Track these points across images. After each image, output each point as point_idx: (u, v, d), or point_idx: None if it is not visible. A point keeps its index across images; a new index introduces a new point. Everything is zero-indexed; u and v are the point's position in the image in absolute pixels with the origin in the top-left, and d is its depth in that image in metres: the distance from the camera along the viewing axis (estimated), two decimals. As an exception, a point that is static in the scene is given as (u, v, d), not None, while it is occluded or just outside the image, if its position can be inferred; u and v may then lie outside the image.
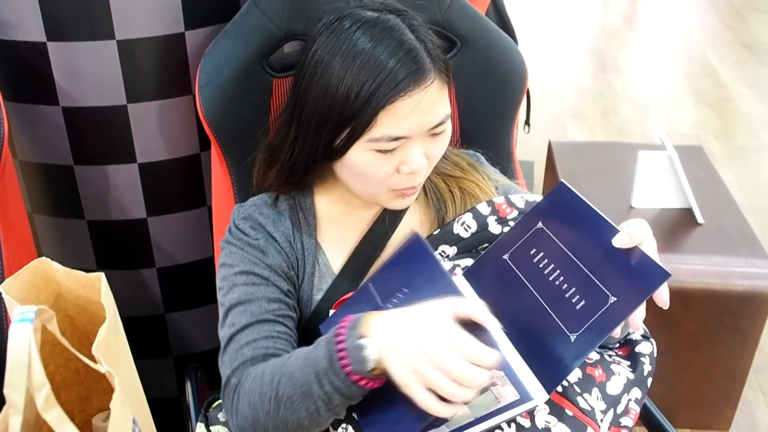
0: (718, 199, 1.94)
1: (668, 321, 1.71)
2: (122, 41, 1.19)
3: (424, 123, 0.92)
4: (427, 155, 0.96)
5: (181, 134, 1.31)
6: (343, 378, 0.81)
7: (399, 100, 0.89)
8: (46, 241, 1.40)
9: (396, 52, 0.90)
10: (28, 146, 1.30)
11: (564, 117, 3.56)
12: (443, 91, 0.94)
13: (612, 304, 0.81)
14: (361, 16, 0.93)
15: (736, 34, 4.62)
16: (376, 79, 0.89)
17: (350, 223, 1.07)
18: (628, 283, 0.81)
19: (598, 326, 0.82)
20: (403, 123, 0.91)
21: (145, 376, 1.07)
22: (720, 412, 1.87)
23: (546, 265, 0.90)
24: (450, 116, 0.96)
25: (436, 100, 0.92)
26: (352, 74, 0.89)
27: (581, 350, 0.82)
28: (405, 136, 0.92)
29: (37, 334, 0.64)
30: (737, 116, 3.59)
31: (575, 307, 0.84)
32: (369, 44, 0.90)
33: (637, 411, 0.98)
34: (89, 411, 0.89)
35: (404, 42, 0.90)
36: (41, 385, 0.57)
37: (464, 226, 1.03)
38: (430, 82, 0.91)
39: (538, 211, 0.94)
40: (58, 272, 0.78)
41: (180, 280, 1.44)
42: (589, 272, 0.85)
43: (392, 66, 0.89)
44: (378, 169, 0.94)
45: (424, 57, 0.91)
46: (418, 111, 0.91)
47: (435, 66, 0.92)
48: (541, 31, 4.63)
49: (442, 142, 0.97)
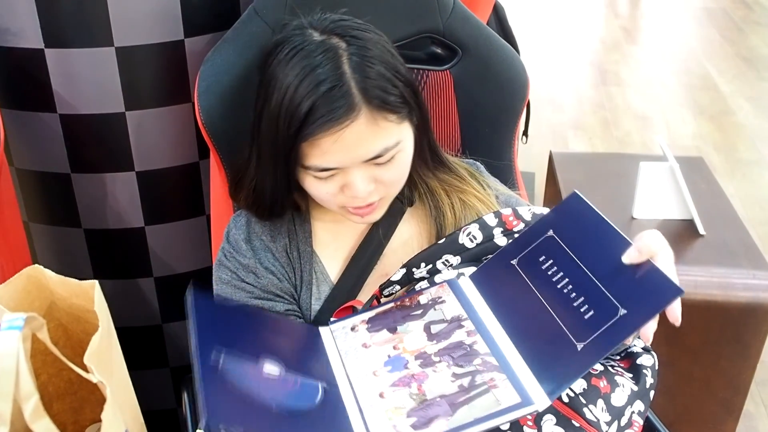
0: (719, 211, 1.93)
1: (669, 333, 1.69)
2: (121, 48, 1.18)
3: (353, 157, 0.91)
4: (377, 180, 0.94)
5: (180, 142, 1.30)
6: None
7: (320, 136, 0.88)
8: (42, 250, 1.39)
9: (318, 88, 0.87)
10: (25, 154, 1.29)
11: (565, 128, 3.56)
12: (378, 125, 0.90)
13: (622, 317, 0.80)
14: (300, 43, 0.91)
15: (736, 47, 4.63)
16: (295, 115, 0.88)
17: (345, 230, 1.07)
18: (640, 297, 0.80)
19: (606, 338, 0.80)
20: (328, 156, 0.90)
21: (142, 387, 1.05)
22: (721, 425, 1.85)
23: (555, 273, 0.89)
24: (399, 144, 0.93)
25: (364, 135, 0.89)
26: (282, 106, 0.89)
27: (587, 360, 0.81)
28: (335, 168, 0.92)
29: (27, 343, 0.63)
30: (737, 129, 3.59)
31: (584, 316, 0.83)
32: (295, 78, 0.88)
33: (640, 424, 0.97)
34: (82, 422, 0.87)
35: (329, 77, 0.88)
36: (29, 395, 0.56)
37: (470, 237, 1.01)
38: (351, 120, 0.88)
39: (550, 219, 0.93)
40: (51, 280, 0.77)
41: (178, 289, 1.42)
42: (600, 283, 0.84)
43: (311, 102, 0.87)
44: (320, 191, 0.95)
45: (350, 92, 0.88)
46: (341, 147, 0.89)
47: (365, 99, 0.88)
48: (543, 43, 4.63)
49: (392, 168, 0.95)
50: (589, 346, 0.81)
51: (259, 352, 0.87)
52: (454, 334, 0.91)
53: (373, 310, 0.99)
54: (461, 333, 0.91)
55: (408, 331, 0.94)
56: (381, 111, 0.89)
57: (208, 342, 0.83)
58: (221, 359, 0.81)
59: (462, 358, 0.88)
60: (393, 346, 0.92)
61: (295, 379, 0.86)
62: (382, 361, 0.91)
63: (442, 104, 1.24)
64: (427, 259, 1.00)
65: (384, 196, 0.98)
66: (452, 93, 1.23)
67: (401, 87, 0.92)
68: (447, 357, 0.88)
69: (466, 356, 0.88)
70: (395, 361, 0.90)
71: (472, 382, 0.84)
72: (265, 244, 1.04)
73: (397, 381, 0.87)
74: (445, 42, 1.20)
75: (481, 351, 0.88)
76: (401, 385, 0.87)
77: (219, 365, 0.81)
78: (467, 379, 0.85)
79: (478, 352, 0.88)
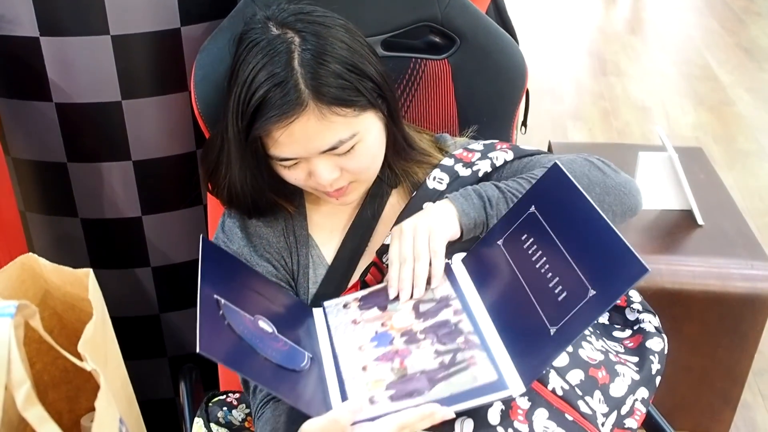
0: (718, 201, 1.92)
1: (668, 323, 1.69)
2: (117, 36, 1.18)
3: (307, 149, 0.93)
4: (342, 168, 0.96)
5: (177, 131, 1.29)
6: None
7: (273, 129, 0.91)
8: (38, 240, 1.39)
9: (269, 82, 0.89)
10: (21, 143, 1.28)
11: (564, 119, 3.55)
12: (328, 119, 0.91)
13: (591, 298, 0.80)
14: (258, 38, 0.93)
15: (736, 38, 4.62)
16: (248, 108, 0.90)
17: (338, 214, 1.08)
18: (608, 276, 0.80)
19: (576, 321, 0.80)
20: (283, 148, 0.93)
21: (139, 376, 1.05)
22: (719, 415, 1.86)
23: (534, 252, 0.89)
24: (355, 136, 0.94)
25: (315, 129, 0.91)
26: (240, 100, 0.91)
27: (559, 344, 0.82)
28: (294, 158, 0.94)
29: (20, 330, 0.63)
30: (737, 120, 3.58)
31: (557, 298, 0.83)
32: (250, 73, 0.91)
33: (643, 411, 0.97)
34: (78, 411, 0.87)
35: (279, 72, 0.89)
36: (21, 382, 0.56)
37: (437, 180, 1.05)
38: (298, 114, 0.89)
39: (533, 192, 0.93)
40: (45, 268, 0.77)
41: (175, 279, 1.42)
42: (573, 262, 0.83)
43: (261, 97, 0.89)
44: (290, 178, 0.98)
45: (298, 87, 0.89)
46: (293, 140, 0.91)
47: (314, 95, 0.90)
48: (542, 33, 4.62)
49: (355, 158, 0.96)
50: (561, 330, 0.81)
51: (256, 309, 0.90)
52: (441, 313, 0.92)
53: (367, 290, 1.01)
54: (448, 312, 0.92)
55: (397, 309, 0.95)
56: (331, 105, 0.91)
57: (212, 282, 0.87)
58: (222, 301, 0.85)
59: (446, 336, 0.89)
60: (381, 323, 0.94)
61: (285, 341, 0.89)
62: (368, 337, 0.92)
63: (440, 93, 1.23)
64: (411, 214, 1.02)
65: (354, 180, 1.00)
66: (450, 82, 1.22)
67: (355, 80, 0.93)
68: (432, 334, 0.90)
69: (450, 334, 0.89)
70: (382, 337, 0.92)
71: (453, 359, 0.85)
72: (261, 231, 1.04)
73: (380, 356, 0.89)
74: (443, 31, 1.20)
75: (465, 329, 0.89)
76: (384, 359, 0.88)
77: (219, 305, 0.84)
78: (449, 356, 0.86)
79: (462, 330, 0.89)
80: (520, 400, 0.90)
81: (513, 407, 0.89)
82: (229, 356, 0.80)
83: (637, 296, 1.09)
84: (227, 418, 1.10)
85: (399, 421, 0.78)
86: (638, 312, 1.07)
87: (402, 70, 1.22)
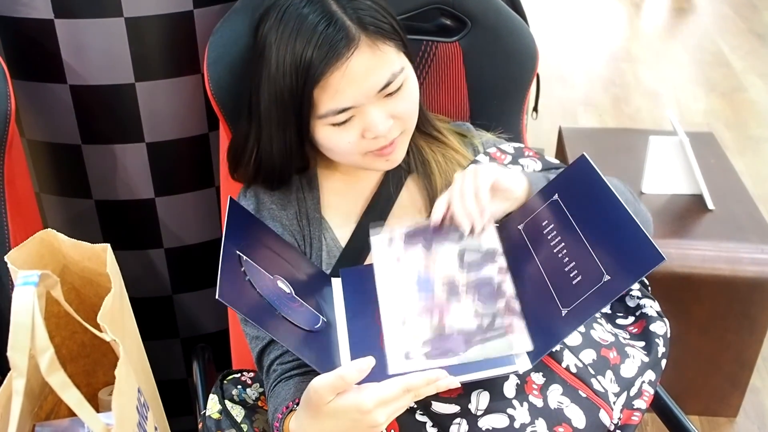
0: (728, 186, 1.92)
1: (677, 307, 1.70)
2: (130, 18, 1.18)
3: (365, 89, 0.93)
4: (393, 115, 0.96)
5: (190, 113, 1.30)
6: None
7: (328, 75, 0.90)
8: (53, 221, 1.40)
9: (314, 31, 0.90)
10: (36, 125, 1.30)
11: (575, 105, 3.54)
12: (381, 50, 0.92)
13: (605, 283, 0.82)
14: (286, 3, 0.93)
15: (749, 23, 4.58)
16: (300, 64, 0.90)
17: (353, 193, 1.08)
18: (623, 263, 0.82)
19: (588, 304, 0.82)
20: (342, 95, 0.92)
21: (152, 357, 1.07)
22: (728, 399, 1.86)
23: (553, 237, 0.90)
24: (404, 70, 0.95)
25: (370, 63, 0.92)
26: (285, 63, 0.91)
27: (569, 326, 0.84)
28: (351, 107, 0.93)
29: (42, 300, 0.64)
30: (749, 106, 3.56)
31: (572, 282, 0.85)
32: (290, 35, 0.91)
33: (651, 393, 0.98)
34: (95, 384, 0.89)
35: (322, 18, 0.91)
36: (45, 348, 0.57)
37: None
38: (353, 48, 0.90)
39: (558, 182, 0.95)
40: (64, 243, 0.78)
41: (188, 260, 1.44)
42: (591, 248, 0.85)
43: (312, 47, 0.90)
44: (341, 140, 0.96)
45: (344, 23, 0.91)
46: (351, 80, 0.91)
47: (361, 28, 0.91)
48: (553, 20, 4.59)
49: (404, 98, 0.96)
50: (572, 312, 0.83)
51: (276, 270, 0.91)
52: (485, 268, 0.93)
53: (413, 225, 1.00)
54: (493, 268, 0.92)
55: (442, 252, 0.95)
56: (379, 36, 0.92)
57: (235, 239, 0.88)
58: (243, 257, 0.86)
59: (487, 296, 0.90)
60: (425, 264, 0.94)
61: (301, 302, 0.90)
62: (411, 280, 0.93)
63: (451, 76, 1.24)
64: None
65: (403, 130, 0.99)
66: (461, 65, 1.22)
67: (390, 18, 0.95)
68: (473, 292, 0.90)
69: (491, 295, 0.90)
70: (424, 283, 0.92)
71: (492, 323, 0.87)
72: (274, 214, 1.05)
73: (421, 309, 0.90)
74: (454, 13, 1.20)
75: (507, 292, 0.90)
76: (425, 313, 0.89)
77: (241, 261, 0.86)
78: (488, 319, 0.87)
79: (504, 292, 0.90)
80: (535, 375, 0.91)
81: (528, 382, 0.90)
82: (246, 306, 0.82)
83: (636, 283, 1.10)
84: (241, 396, 1.12)
85: (404, 384, 0.79)
86: (638, 298, 1.08)
87: (413, 52, 1.22)
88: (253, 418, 1.07)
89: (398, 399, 0.79)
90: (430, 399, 0.89)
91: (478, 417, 0.88)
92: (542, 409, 0.89)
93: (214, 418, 1.05)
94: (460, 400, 0.89)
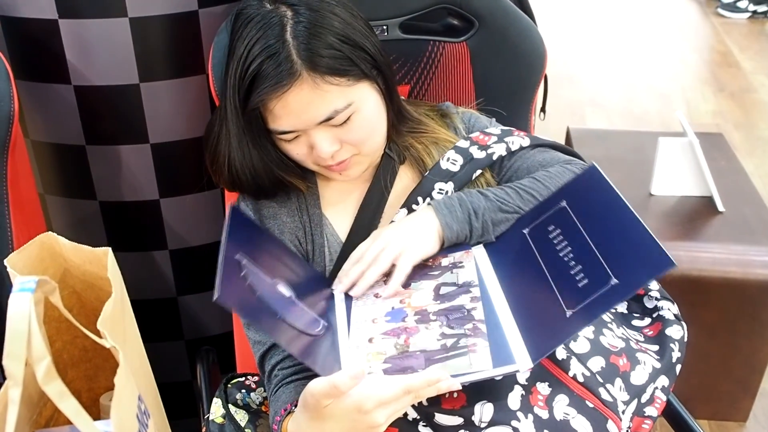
0: (739, 187, 1.90)
1: (687, 310, 1.67)
2: (135, 19, 1.18)
3: (303, 120, 0.94)
4: (341, 140, 0.97)
5: (195, 114, 1.29)
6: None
7: (268, 101, 0.92)
8: (57, 222, 1.40)
9: (262, 54, 0.91)
10: (40, 125, 1.29)
11: (582, 105, 3.52)
12: (322, 88, 0.92)
13: (612, 287, 0.81)
14: (252, 14, 0.94)
15: (759, 23, 4.55)
16: (243, 81, 0.92)
17: (350, 190, 1.08)
18: (633, 267, 0.82)
19: (594, 306, 0.82)
20: (281, 120, 0.94)
21: (156, 359, 1.06)
22: (738, 403, 1.84)
23: (560, 242, 0.90)
24: (350, 105, 0.94)
25: (309, 99, 0.92)
26: (236, 75, 0.93)
27: (574, 327, 0.84)
28: (293, 131, 0.95)
29: (40, 306, 0.63)
30: (758, 106, 3.53)
31: (578, 284, 0.85)
32: (245, 48, 0.92)
33: (663, 400, 0.96)
34: (97, 390, 0.88)
35: (271, 45, 0.91)
36: (41, 357, 0.56)
37: (451, 161, 1.05)
38: (291, 84, 0.91)
39: (566, 189, 0.95)
40: (65, 247, 0.77)
41: (192, 262, 1.43)
42: (599, 253, 0.85)
43: (256, 69, 0.91)
44: (292, 152, 0.99)
45: (290, 57, 0.91)
46: (289, 110, 0.93)
47: (307, 64, 0.91)
48: (561, 20, 4.57)
49: (352, 129, 0.96)
50: (577, 314, 0.83)
51: (277, 275, 0.91)
52: (458, 298, 0.93)
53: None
54: (466, 298, 0.93)
55: (419, 288, 0.96)
56: (324, 75, 0.92)
57: (236, 243, 0.88)
58: (243, 261, 0.86)
59: (456, 321, 0.89)
60: (400, 299, 0.94)
61: (302, 307, 0.90)
62: (384, 311, 0.93)
63: (458, 76, 1.22)
64: (422, 193, 1.03)
65: (357, 153, 1.00)
66: (468, 65, 1.21)
67: (348, 51, 0.94)
68: (443, 317, 0.90)
69: (460, 319, 0.89)
70: (396, 313, 0.93)
71: (455, 343, 0.86)
72: (275, 212, 1.04)
73: (389, 330, 0.90)
74: (461, 13, 1.19)
75: (476, 317, 0.89)
76: (392, 334, 0.89)
77: (241, 265, 0.86)
78: (452, 340, 0.87)
79: (473, 317, 0.89)
80: (541, 385, 0.89)
81: (533, 392, 0.89)
82: (245, 308, 0.82)
83: (655, 284, 1.09)
84: (245, 400, 1.11)
85: (405, 385, 0.78)
86: (656, 300, 1.07)
87: (420, 53, 1.21)
88: (256, 423, 1.06)
89: (398, 400, 0.79)
90: (433, 410, 0.89)
91: (481, 429, 0.87)
92: (548, 421, 0.88)
93: (217, 423, 1.04)
94: (463, 411, 0.87)
